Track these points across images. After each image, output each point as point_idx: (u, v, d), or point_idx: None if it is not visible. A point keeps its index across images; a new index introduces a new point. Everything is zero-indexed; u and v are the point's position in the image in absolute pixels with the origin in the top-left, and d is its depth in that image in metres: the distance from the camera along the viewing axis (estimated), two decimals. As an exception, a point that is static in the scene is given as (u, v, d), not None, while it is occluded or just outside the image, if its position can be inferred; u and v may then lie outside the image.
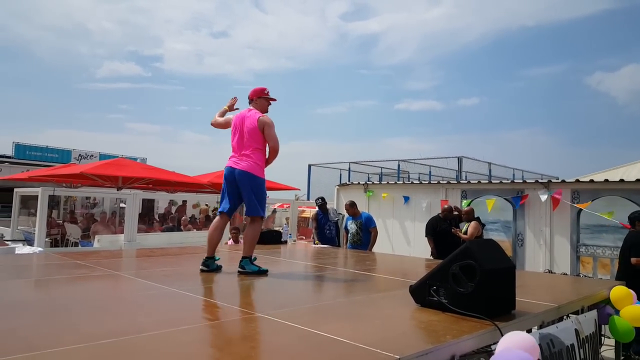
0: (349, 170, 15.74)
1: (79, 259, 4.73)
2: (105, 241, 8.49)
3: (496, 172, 16.30)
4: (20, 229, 10.14)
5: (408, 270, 5.33)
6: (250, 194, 4.08)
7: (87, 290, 3.37)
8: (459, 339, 2.22)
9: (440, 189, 9.58)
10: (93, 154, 23.59)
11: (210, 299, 3.15)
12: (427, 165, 16.51)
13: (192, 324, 2.35)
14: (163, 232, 10.86)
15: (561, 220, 7.91)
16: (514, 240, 8.42)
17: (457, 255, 2.74)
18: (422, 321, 2.59)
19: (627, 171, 10.84)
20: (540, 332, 2.78)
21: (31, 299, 3.06)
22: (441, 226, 7.62)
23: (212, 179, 13.23)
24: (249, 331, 2.42)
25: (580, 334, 3.14)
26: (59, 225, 11.47)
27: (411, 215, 9.60)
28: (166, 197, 14.78)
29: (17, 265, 4.39)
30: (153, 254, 5.60)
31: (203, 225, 12.33)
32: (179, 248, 6.72)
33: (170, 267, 4.61)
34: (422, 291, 2.86)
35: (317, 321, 2.55)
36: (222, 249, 6.56)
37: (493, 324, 2.41)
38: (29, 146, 23.19)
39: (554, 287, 4.34)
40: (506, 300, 2.81)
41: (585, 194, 7.71)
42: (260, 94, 4.31)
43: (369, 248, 7.55)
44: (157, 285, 3.43)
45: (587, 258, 7.58)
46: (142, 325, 2.31)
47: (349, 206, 7.84)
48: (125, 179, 11.43)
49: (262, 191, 4.17)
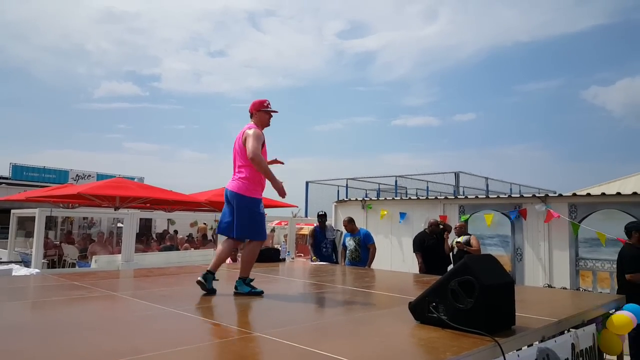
0: (347, 187, 15.76)
1: (76, 279, 4.70)
2: (103, 261, 8.44)
3: (493, 187, 16.33)
4: (17, 250, 10.07)
5: (407, 286, 5.31)
6: (239, 214, 3.89)
7: (84, 312, 3.35)
8: (459, 355, 2.21)
9: (438, 205, 9.58)
10: (90, 174, 23.61)
11: (208, 318, 3.13)
12: (424, 180, 16.54)
13: (190, 345, 2.34)
14: (161, 251, 10.81)
15: (559, 234, 7.90)
16: (512, 255, 8.40)
17: (455, 271, 2.73)
18: (421, 338, 2.58)
19: (624, 184, 10.87)
20: (538, 346, 2.78)
21: (28, 321, 3.04)
22: (428, 241, 7.63)
23: (209, 197, 13.22)
24: (248, 351, 2.40)
25: (575, 347, 3.13)
26: (56, 246, 11.42)
27: (409, 231, 9.57)
28: (164, 217, 14.75)
29: (14, 287, 4.36)
30: (151, 273, 5.57)
31: (201, 244, 12.28)
32: (177, 268, 6.68)
33: (168, 287, 4.58)
34: (421, 308, 2.85)
35: (316, 340, 2.53)
36: (221, 268, 6.53)
37: (493, 340, 2.40)
38: (26, 167, 23.17)
39: (553, 301, 4.32)
40: (506, 316, 2.80)
41: (582, 208, 7.72)
42: (259, 107, 4.08)
43: (368, 265, 7.52)
44: (155, 306, 3.41)
45: (587, 272, 7.56)
46: (139, 347, 2.30)
47: (347, 222, 7.82)
48: (122, 198, 11.41)
49: (253, 212, 3.93)
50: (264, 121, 4.08)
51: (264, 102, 4.11)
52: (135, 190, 11.69)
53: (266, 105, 4.09)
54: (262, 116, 4.07)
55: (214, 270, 4.02)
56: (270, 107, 4.11)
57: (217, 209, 13.17)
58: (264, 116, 4.08)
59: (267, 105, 4.10)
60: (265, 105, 4.09)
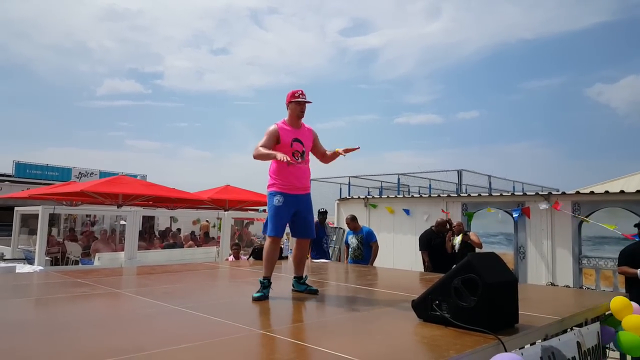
0: (349, 185, 15.74)
1: (79, 277, 4.71)
2: (106, 259, 8.46)
3: (496, 184, 16.28)
4: (21, 248, 10.11)
5: (410, 284, 5.30)
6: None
7: (87, 309, 3.35)
8: (462, 353, 2.21)
9: (440, 202, 9.57)
10: (93, 172, 23.65)
11: (211, 316, 3.13)
12: (427, 178, 16.50)
13: (193, 342, 2.34)
14: (163, 249, 10.83)
15: (562, 232, 7.89)
16: (515, 253, 8.39)
17: (459, 269, 2.73)
18: (424, 336, 2.57)
19: (627, 182, 10.84)
20: (542, 344, 2.77)
21: (31, 318, 3.04)
22: (435, 240, 7.60)
23: (212, 195, 13.24)
24: (250, 349, 2.40)
25: (582, 346, 3.12)
26: (59, 243, 11.44)
27: (412, 229, 9.58)
28: (167, 214, 14.77)
29: (17, 284, 4.37)
30: (154, 271, 5.58)
31: (203, 242, 12.30)
32: (180, 265, 6.69)
33: (171, 284, 4.59)
34: (424, 306, 2.84)
35: (318, 337, 2.53)
36: (223, 265, 6.54)
37: (496, 338, 2.39)
38: (29, 165, 23.23)
39: (556, 299, 4.31)
40: (509, 314, 2.79)
41: (585, 206, 7.70)
42: (290, 98, 4.00)
43: (370, 262, 7.52)
44: (157, 303, 3.41)
45: (590, 270, 7.54)
46: (142, 344, 2.30)
47: (350, 220, 7.83)
48: (125, 196, 11.43)
49: (269, 206, 3.96)
50: (295, 112, 3.98)
51: (295, 92, 4.01)
52: (138, 188, 11.71)
53: (297, 96, 3.98)
54: (293, 107, 3.98)
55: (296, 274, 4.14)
56: (302, 97, 3.99)
57: (220, 206, 13.20)
58: (294, 107, 3.98)
59: (298, 96, 3.98)
60: (296, 96, 3.99)
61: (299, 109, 3.97)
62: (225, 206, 13.35)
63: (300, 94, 3.99)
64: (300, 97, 3.98)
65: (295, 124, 4.01)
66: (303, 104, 3.98)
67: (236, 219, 13.07)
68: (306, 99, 4.00)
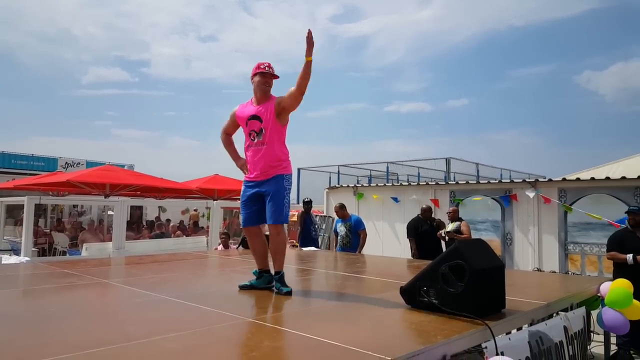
0: (338, 174, 15.77)
1: (67, 267, 4.67)
2: (94, 249, 8.40)
3: (484, 172, 16.40)
4: (7, 239, 10.01)
5: (398, 271, 5.34)
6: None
7: (75, 300, 3.33)
8: (449, 339, 2.23)
9: (429, 190, 9.61)
10: (80, 162, 23.34)
11: (199, 305, 3.13)
12: (415, 167, 16.58)
13: (181, 331, 2.33)
14: (152, 239, 10.77)
15: (549, 218, 7.97)
16: (502, 239, 8.47)
17: (446, 256, 2.75)
18: (412, 322, 2.59)
19: (613, 169, 10.95)
20: (529, 329, 2.80)
21: (18, 309, 3.01)
22: (423, 227, 7.65)
23: (201, 184, 13.17)
24: (239, 337, 2.40)
25: (569, 330, 3.17)
26: (46, 234, 11.34)
27: (400, 217, 9.61)
28: (155, 204, 14.68)
29: (3, 276, 4.32)
30: (142, 261, 5.55)
31: (192, 232, 12.26)
32: (168, 255, 6.67)
33: (159, 274, 4.57)
34: (412, 292, 2.86)
35: (307, 324, 2.54)
36: (212, 255, 6.52)
37: (483, 323, 2.42)
38: (14, 155, 22.86)
39: (543, 285, 4.37)
40: (496, 299, 2.83)
41: (572, 193, 7.78)
42: (255, 70, 3.59)
43: (358, 250, 7.56)
44: (146, 293, 3.40)
45: (576, 255, 7.65)
46: (130, 334, 2.29)
47: (339, 208, 7.86)
48: (112, 186, 11.33)
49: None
50: (259, 85, 3.57)
51: (261, 64, 3.60)
52: (126, 178, 11.60)
53: (263, 68, 3.58)
54: (257, 80, 3.58)
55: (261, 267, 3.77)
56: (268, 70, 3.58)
57: (209, 196, 13.14)
58: (258, 80, 3.57)
59: (264, 68, 3.58)
60: (261, 67, 3.58)
61: (262, 80, 3.55)
62: (214, 196, 13.29)
63: (267, 66, 3.59)
64: (267, 69, 3.58)
65: (258, 99, 3.60)
66: (268, 76, 3.57)
67: (225, 208, 13.03)
68: (273, 72, 3.60)
